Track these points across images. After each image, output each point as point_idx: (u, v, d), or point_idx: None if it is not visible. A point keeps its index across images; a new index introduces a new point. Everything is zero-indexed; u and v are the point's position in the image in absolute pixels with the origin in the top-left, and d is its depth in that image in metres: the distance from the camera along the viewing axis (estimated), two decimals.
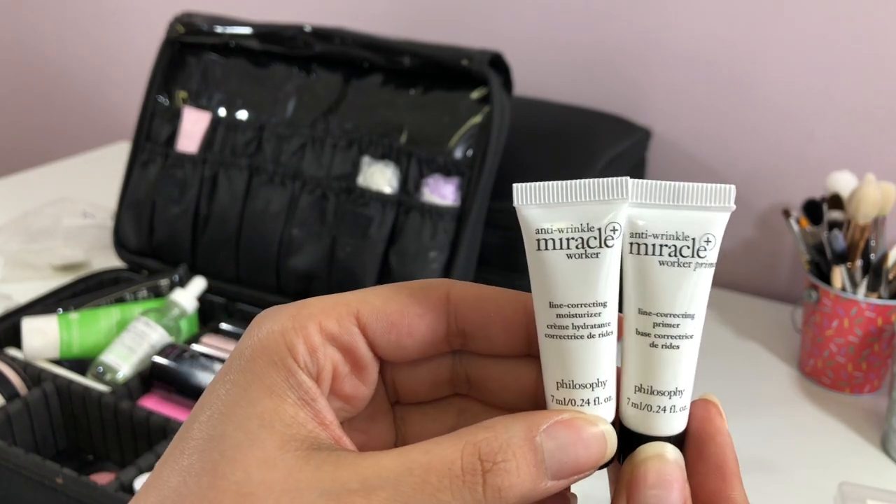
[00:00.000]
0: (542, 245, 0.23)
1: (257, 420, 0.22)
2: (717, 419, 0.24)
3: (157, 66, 0.95)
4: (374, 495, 0.20)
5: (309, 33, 0.87)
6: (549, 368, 0.24)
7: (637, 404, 0.24)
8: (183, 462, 0.22)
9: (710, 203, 0.23)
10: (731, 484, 0.23)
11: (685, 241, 0.23)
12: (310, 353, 0.23)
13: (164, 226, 0.91)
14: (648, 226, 0.23)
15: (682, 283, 0.23)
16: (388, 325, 0.24)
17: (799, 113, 0.98)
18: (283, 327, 0.23)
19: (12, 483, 0.62)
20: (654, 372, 0.24)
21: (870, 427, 0.79)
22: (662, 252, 0.23)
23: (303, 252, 0.84)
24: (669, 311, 0.23)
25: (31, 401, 0.69)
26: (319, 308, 0.24)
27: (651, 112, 1.05)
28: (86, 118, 1.62)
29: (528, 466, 0.21)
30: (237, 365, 0.23)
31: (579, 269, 0.23)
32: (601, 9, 1.05)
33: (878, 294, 0.79)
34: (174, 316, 0.81)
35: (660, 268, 0.23)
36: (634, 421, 0.24)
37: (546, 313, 0.24)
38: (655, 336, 0.23)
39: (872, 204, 0.78)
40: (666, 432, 0.24)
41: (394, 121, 0.83)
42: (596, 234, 0.23)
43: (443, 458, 0.21)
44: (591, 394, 0.23)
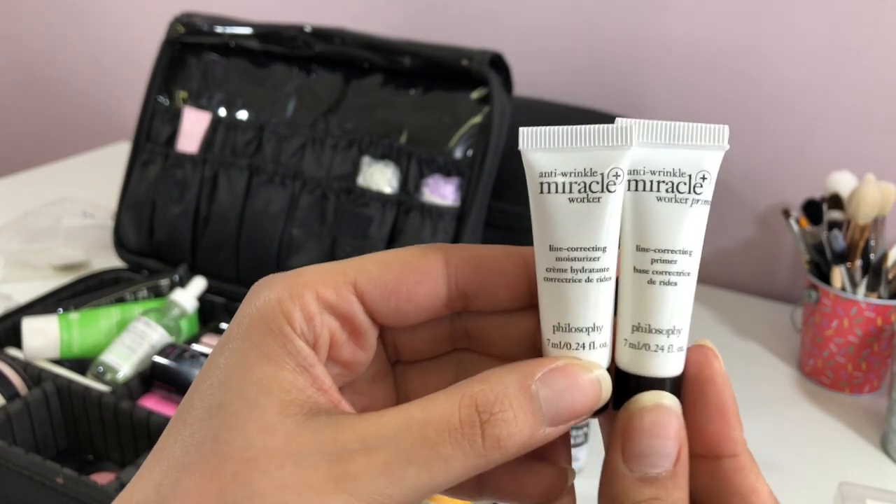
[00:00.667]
0: (544, 188, 0.24)
1: (256, 387, 0.22)
2: (715, 362, 0.24)
3: (158, 66, 0.95)
4: (375, 454, 0.21)
5: (309, 33, 0.87)
6: (547, 312, 0.24)
7: (635, 344, 0.24)
8: (185, 432, 0.22)
9: (705, 142, 0.24)
10: (731, 424, 0.23)
11: (682, 178, 0.24)
12: (307, 320, 0.23)
13: (165, 226, 0.91)
14: (646, 163, 0.24)
15: (679, 218, 0.24)
16: (385, 292, 0.24)
17: (799, 113, 0.98)
18: (280, 296, 0.23)
19: (12, 483, 0.62)
20: (653, 309, 0.23)
21: (869, 427, 0.79)
22: (660, 188, 0.24)
23: (303, 252, 0.84)
24: (668, 247, 0.24)
25: (31, 401, 0.69)
26: (316, 276, 0.24)
27: (651, 112, 1.05)
28: (86, 118, 1.62)
29: (525, 415, 0.22)
30: (235, 334, 0.23)
31: (580, 212, 0.23)
32: (601, 9, 1.05)
33: (877, 294, 0.80)
34: (174, 316, 0.81)
35: (657, 203, 0.24)
36: (631, 362, 0.24)
37: (546, 256, 0.24)
38: (654, 272, 0.23)
39: (872, 204, 0.78)
40: (664, 373, 0.23)
41: (394, 121, 0.83)
42: (598, 178, 0.23)
43: (440, 413, 0.21)
44: (586, 338, 0.24)
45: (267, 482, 0.20)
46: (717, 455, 0.24)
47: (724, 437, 0.23)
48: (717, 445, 0.24)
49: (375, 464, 0.20)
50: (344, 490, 0.20)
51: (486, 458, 0.21)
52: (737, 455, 0.24)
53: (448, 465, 0.21)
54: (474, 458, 0.21)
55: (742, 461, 0.24)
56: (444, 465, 0.21)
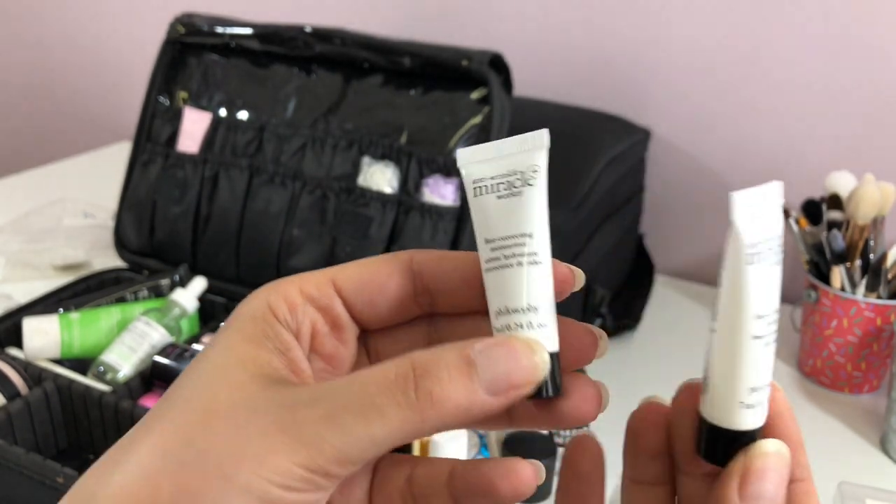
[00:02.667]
0: (477, 192, 0.27)
1: (234, 360, 0.25)
2: (778, 395, 0.26)
3: (158, 66, 0.95)
4: (319, 404, 0.23)
5: (309, 34, 0.87)
6: (490, 300, 0.26)
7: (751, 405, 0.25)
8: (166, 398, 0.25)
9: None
10: (800, 451, 0.25)
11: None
12: (290, 310, 0.26)
13: (165, 226, 0.91)
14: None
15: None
16: (360, 286, 0.27)
17: (799, 113, 0.98)
18: (268, 292, 0.26)
19: (13, 483, 0.62)
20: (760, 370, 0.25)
21: (869, 427, 0.79)
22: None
23: (303, 252, 0.84)
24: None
25: (31, 400, 0.70)
26: (300, 276, 0.27)
27: (651, 112, 1.05)
28: (86, 118, 1.62)
29: (461, 377, 0.23)
30: (225, 325, 0.26)
31: (506, 206, 0.27)
32: (601, 9, 1.05)
33: (877, 294, 0.80)
34: (175, 316, 0.81)
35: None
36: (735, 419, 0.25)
37: (484, 250, 0.27)
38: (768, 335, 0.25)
39: (871, 204, 0.78)
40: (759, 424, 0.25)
41: (394, 121, 0.83)
42: (519, 176, 0.27)
43: (382, 371, 0.23)
44: (524, 318, 0.26)
45: (223, 425, 0.23)
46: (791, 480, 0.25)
47: (794, 463, 0.25)
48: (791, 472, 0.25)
49: (318, 412, 0.23)
50: (287, 434, 0.22)
51: (421, 412, 0.23)
52: (804, 480, 0.25)
53: (383, 414, 0.22)
54: (408, 410, 0.23)
55: (807, 486, 0.25)
56: (379, 414, 0.22)
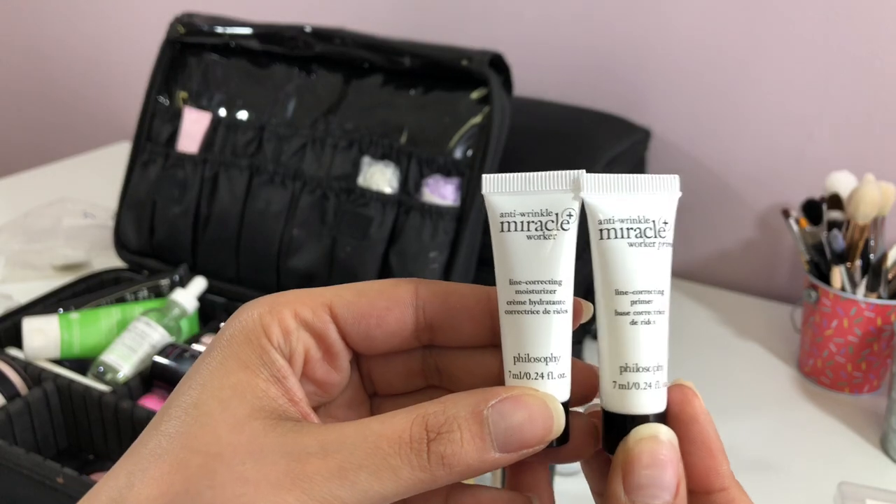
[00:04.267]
0: (504, 227, 0.26)
1: (230, 390, 0.24)
2: (695, 400, 0.25)
3: (158, 66, 0.95)
4: (331, 458, 0.22)
5: (309, 34, 0.87)
6: (508, 344, 0.26)
7: (624, 385, 0.25)
8: (161, 427, 0.24)
9: (661, 191, 0.26)
10: (718, 459, 0.24)
11: (647, 224, 0.25)
12: (284, 335, 0.25)
13: (165, 226, 0.91)
14: (613, 213, 0.25)
15: (651, 260, 0.25)
16: (357, 316, 0.26)
17: (798, 113, 0.98)
18: (261, 312, 0.25)
19: (13, 483, 0.62)
20: (638, 349, 0.25)
21: (869, 427, 0.79)
22: (629, 234, 0.25)
23: (303, 252, 0.84)
24: (644, 289, 0.25)
25: (31, 400, 0.70)
26: (295, 297, 0.26)
27: (651, 112, 1.05)
28: (86, 118, 1.62)
29: (473, 438, 0.23)
30: (218, 344, 0.25)
31: (537, 248, 0.25)
32: (601, 9, 1.05)
33: (877, 294, 0.80)
34: (175, 316, 0.81)
35: (629, 249, 0.25)
36: (622, 402, 0.25)
37: (506, 290, 0.26)
38: (634, 313, 0.25)
39: (872, 204, 0.78)
40: (652, 409, 0.25)
41: (394, 121, 0.83)
42: (553, 218, 0.25)
43: (394, 428, 0.23)
44: (545, 368, 0.25)
45: (228, 474, 0.22)
46: (707, 490, 0.25)
47: (712, 472, 0.24)
48: (707, 481, 0.24)
49: (330, 466, 0.22)
50: (298, 487, 0.22)
51: (432, 472, 0.23)
52: (726, 488, 0.25)
53: (396, 475, 0.22)
54: (420, 472, 0.22)
55: (732, 494, 0.25)
56: (392, 474, 0.22)
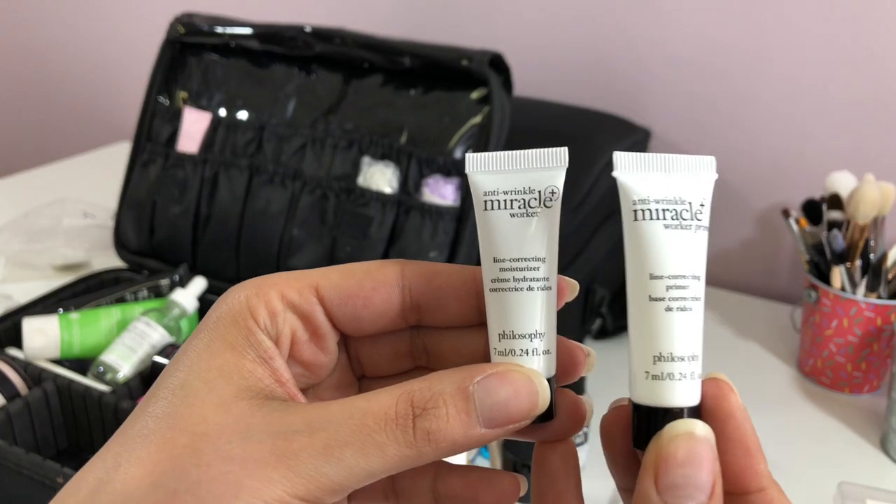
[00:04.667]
0: (488, 205, 0.25)
1: (217, 371, 0.24)
2: (732, 395, 0.24)
3: (158, 66, 0.95)
4: (317, 435, 0.22)
5: (309, 34, 0.87)
6: (493, 321, 0.25)
7: (658, 375, 0.23)
8: (149, 409, 0.24)
9: (699, 171, 0.25)
10: (756, 458, 0.23)
11: (684, 206, 0.24)
12: (270, 316, 0.25)
13: (165, 226, 0.91)
14: (649, 193, 0.24)
15: (687, 244, 0.24)
16: (344, 296, 0.26)
17: (799, 113, 0.98)
18: (248, 294, 0.25)
19: (12, 483, 0.62)
20: (674, 337, 0.23)
21: (869, 427, 0.79)
22: (665, 216, 0.24)
23: (303, 252, 0.84)
24: (680, 273, 0.24)
25: (31, 400, 0.70)
26: (282, 279, 0.26)
27: (651, 112, 1.05)
28: (86, 118, 1.62)
29: (459, 413, 0.23)
30: (205, 326, 0.25)
31: (520, 226, 0.25)
32: (601, 9, 1.05)
33: (877, 294, 0.80)
34: (175, 316, 0.81)
35: (665, 231, 0.24)
36: (655, 394, 0.23)
37: (491, 268, 0.25)
38: (670, 299, 0.24)
39: (872, 204, 0.78)
40: (688, 402, 0.23)
41: (394, 121, 0.83)
42: (536, 196, 0.25)
43: (380, 405, 0.23)
44: (529, 344, 0.25)
45: (214, 453, 0.22)
46: (744, 491, 0.23)
47: (750, 472, 0.23)
48: (744, 481, 0.23)
49: (316, 444, 0.22)
50: (284, 465, 0.22)
51: (418, 448, 0.23)
52: (764, 489, 0.23)
53: (382, 451, 0.22)
54: (406, 448, 0.22)
55: (771, 495, 0.23)
56: (378, 450, 0.22)
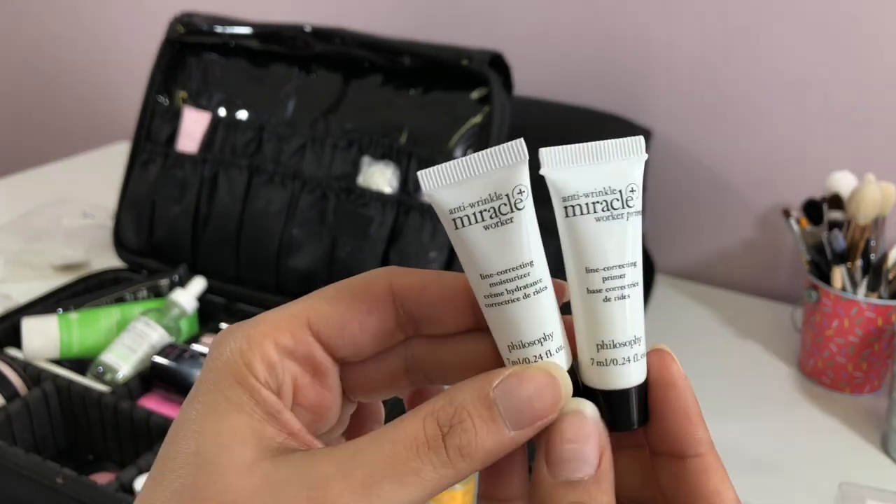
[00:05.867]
0: (458, 223, 0.24)
1: (229, 434, 0.23)
2: (674, 366, 0.25)
3: (157, 66, 0.95)
4: (351, 476, 0.22)
5: (309, 33, 0.87)
6: (498, 335, 0.25)
7: (602, 362, 0.24)
8: (164, 483, 0.22)
9: (625, 155, 0.25)
10: (695, 424, 0.24)
11: (614, 195, 0.24)
12: (268, 368, 0.24)
13: (164, 226, 0.91)
14: (577, 187, 0.24)
15: (620, 233, 0.24)
16: (339, 326, 0.25)
17: (799, 113, 0.98)
18: (241, 347, 0.24)
19: (12, 483, 0.62)
20: (613, 325, 0.24)
21: (870, 427, 0.79)
22: (596, 209, 0.24)
23: (303, 252, 0.84)
24: (615, 263, 0.24)
25: (31, 401, 0.69)
26: (272, 324, 0.25)
27: (651, 112, 1.05)
28: (86, 118, 1.62)
29: (486, 422, 0.23)
30: (204, 387, 0.24)
31: (498, 237, 0.24)
32: (601, 9, 1.05)
33: (878, 294, 0.79)
34: (174, 316, 0.81)
35: (597, 224, 0.24)
36: (601, 379, 0.24)
37: (480, 285, 0.24)
38: (607, 290, 0.24)
39: (872, 204, 0.78)
40: (634, 382, 0.24)
41: (394, 121, 0.83)
42: (505, 200, 0.24)
43: (408, 431, 0.23)
44: (541, 348, 0.24)
45: None
46: (681, 454, 0.24)
47: (688, 436, 0.24)
48: (682, 445, 0.24)
49: (352, 484, 0.21)
50: None
51: (454, 467, 0.22)
52: (701, 455, 0.24)
53: (420, 477, 0.22)
54: (443, 469, 0.22)
55: (707, 461, 0.24)
56: (416, 477, 0.22)
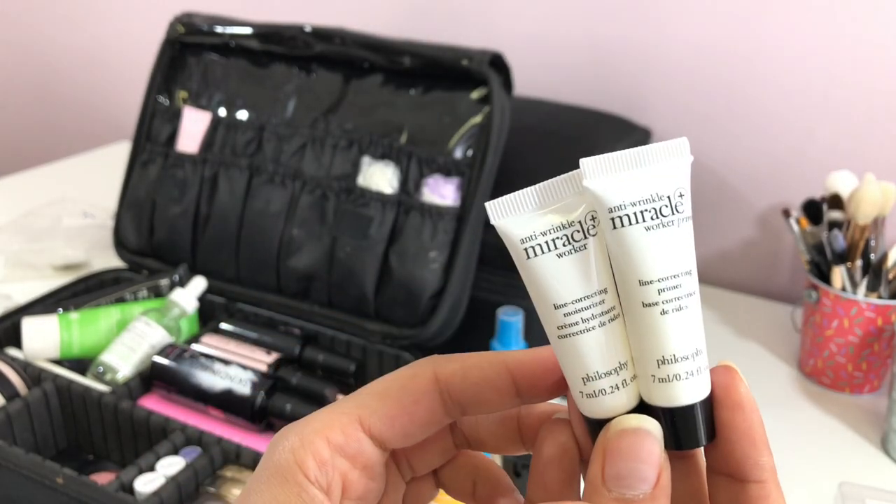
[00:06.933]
0: (530, 253, 0.24)
1: None
2: (741, 386, 0.24)
3: (158, 66, 0.95)
4: None
5: (309, 33, 0.87)
6: (571, 367, 0.24)
7: (664, 378, 0.23)
8: None
9: (670, 158, 0.23)
10: (759, 450, 0.24)
11: (662, 202, 0.23)
12: (319, 466, 0.25)
13: (165, 226, 0.91)
14: (622, 197, 0.23)
15: (672, 241, 0.23)
16: (389, 420, 0.26)
17: (799, 113, 0.98)
18: (294, 446, 0.25)
19: (12, 483, 0.62)
20: (673, 339, 0.23)
21: (870, 427, 0.79)
22: (644, 218, 0.23)
23: (303, 252, 0.84)
24: (670, 273, 0.23)
25: (31, 401, 0.69)
26: (325, 422, 0.26)
27: (651, 112, 1.05)
28: (86, 118, 1.62)
29: None
30: (256, 487, 0.25)
31: (572, 264, 0.23)
32: (601, 9, 1.05)
33: (878, 294, 0.79)
34: (174, 316, 0.81)
35: (647, 234, 0.23)
36: (665, 396, 0.24)
37: (552, 316, 0.24)
38: (664, 302, 0.23)
39: (872, 204, 0.78)
40: (698, 397, 0.23)
41: (394, 121, 0.83)
42: (578, 227, 0.23)
43: None
44: (617, 378, 0.24)
45: None
46: (743, 479, 0.24)
47: (751, 462, 0.24)
48: (744, 470, 0.24)
49: None
50: None
51: None
52: (763, 482, 0.24)
53: None
54: None
55: (768, 489, 0.24)
56: None
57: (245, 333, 0.81)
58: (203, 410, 0.72)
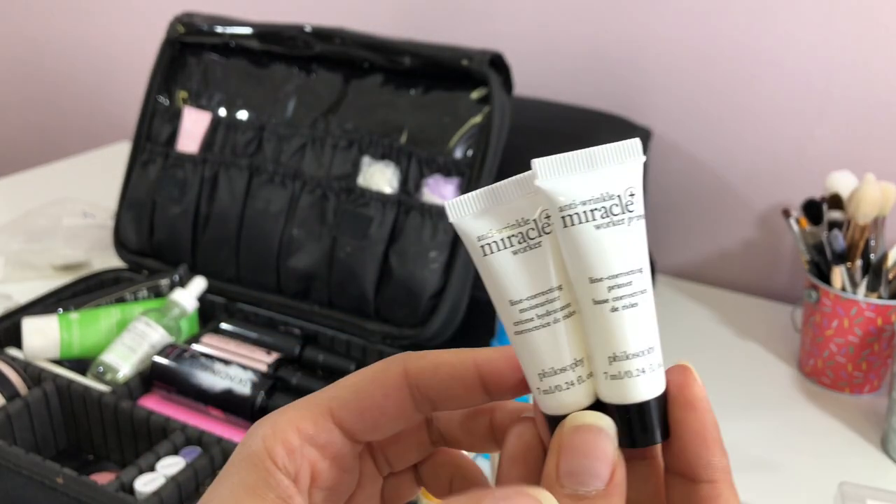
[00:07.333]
0: (486, 250, 0.24)
1: None
2: (695, 386, 0.24)
3: (158, 66, 0.95)
4: None
5: (309, 33, 0.87)
6: (528, 363, 0.24)
7: (616, 375, 0.24)
8: None
9: (622, 159, 0.24)
10: (711, 450, 0.24)
11: (613, 200, 0.23)
12: (288, 454, 0.26)
13: (165, 226, 0.91)
14: (573, 196, 0.23)
15: (622, 239, 0.23)
16: (359, 413, 0.27)
17: (799, 113, 0.98)
18: (265, 434, 0.26)
19: (12, 483, 0.62)
20: (624, 336, 0.23)
21: (870, 427, 0.79)
22: (595, 216, 0.23)
23: (303, 252, 0.84)
24: (620, 271, 0.23)
25: (31, 401, 0.69)
26: (297, 413, 0.27)
27: (651, 112, 1.05)
28: (86, 118, 1.62)
29: None
30: (227, 471, 0.26)
31: (527, 262, 0.24)
32: (601, 9, 1.05)
33: (877, 294, 0.79)
34: (174, 316, 0.81)
35: (598, 232, 0.23)
36: (616, 393, 0.24)
37: (509, 312, 0.24)
38: (613, 299, 0.23)
39: (872, 204, 0.78)
40: (652, 394, 0.24)
41: (394, 121, 0.83)
42: (533, 225, 0.24)
43: None
44: (572, 375, 0.24)
45: None
46: (694, 479, 0.24)
47: (703, 462, 0.24)
48: (696, 469, 0.24)
49: None
50: None
51: None
52: (715, 482, 0.24)
53: None
54: None
55: (719, 489, 0.24)
56: None
57: (245, 333, 0.81)
58: (203, 410, 0.72)
